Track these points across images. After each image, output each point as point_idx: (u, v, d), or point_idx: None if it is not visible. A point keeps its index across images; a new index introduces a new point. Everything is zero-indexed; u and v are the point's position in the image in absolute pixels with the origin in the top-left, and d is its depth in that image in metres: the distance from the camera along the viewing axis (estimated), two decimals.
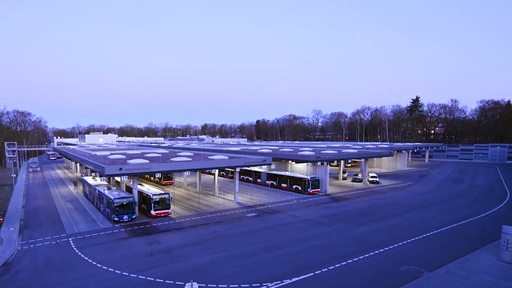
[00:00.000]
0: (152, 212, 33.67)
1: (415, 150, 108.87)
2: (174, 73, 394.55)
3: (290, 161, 57.97)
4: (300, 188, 48.02)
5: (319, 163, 49.35)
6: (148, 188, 38.78)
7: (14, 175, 58.27)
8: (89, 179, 46.00)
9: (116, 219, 31.59)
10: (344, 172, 65.37)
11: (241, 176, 58.91)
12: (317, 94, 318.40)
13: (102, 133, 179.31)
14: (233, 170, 41.98)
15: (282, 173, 52.58)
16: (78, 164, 65.17)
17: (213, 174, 47.21)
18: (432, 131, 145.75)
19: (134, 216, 32.69)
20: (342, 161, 63.44)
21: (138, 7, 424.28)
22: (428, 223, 31.50)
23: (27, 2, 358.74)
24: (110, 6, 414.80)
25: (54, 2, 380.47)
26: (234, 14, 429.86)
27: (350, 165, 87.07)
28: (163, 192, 35.22)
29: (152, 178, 61.49)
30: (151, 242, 26.31)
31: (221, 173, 66.04)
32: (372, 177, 59.05)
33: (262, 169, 55.47)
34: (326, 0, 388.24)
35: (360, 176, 60.36)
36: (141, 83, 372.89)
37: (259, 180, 56.45)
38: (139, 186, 39.35)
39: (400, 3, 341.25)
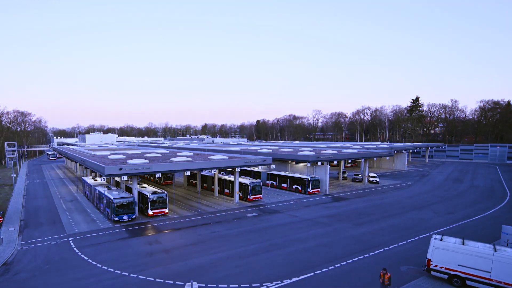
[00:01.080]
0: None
1: (415, 150, 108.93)
2: (174, 73, 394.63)
3: (290, 161, 57.96)
4: (300, 188, 48.02)
5: (319, 163, 49.35)
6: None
7: (14, 175, 58.32)
8: (89, 179, 46.01)
9: (116, 219, 31.60)
10: (344, 172, 65.40)
11: (241, 176, 58.83)
12: (317, 94, 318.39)
13: (102, 133, 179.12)
14: (233, 170, 42.05)
15: (282, 173, 52.58)
16: (78, 164, 65.19)
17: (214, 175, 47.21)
18: (432, 131, 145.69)
19: (134, 216, 32.72)
20: (342, 161, 63.48)
21: (137, 9, 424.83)
22: (428, 223, 31.52)
23: (27, 2, 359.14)
24: (110, 7, 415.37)
25: (54, 2, 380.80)
26: (233, 14, 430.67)
27: (350, 165, 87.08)
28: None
29: (152, 178, 61.52)
30: (151, 242, 26.32)
31: (221, 173, 66.02)
32: (372, 177, 59.06)
33: (262, 169, 55.46)
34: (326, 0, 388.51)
35: (360, 176, 60.39)
36: (141, 82, 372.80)
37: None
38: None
39: (400, 2, 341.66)
